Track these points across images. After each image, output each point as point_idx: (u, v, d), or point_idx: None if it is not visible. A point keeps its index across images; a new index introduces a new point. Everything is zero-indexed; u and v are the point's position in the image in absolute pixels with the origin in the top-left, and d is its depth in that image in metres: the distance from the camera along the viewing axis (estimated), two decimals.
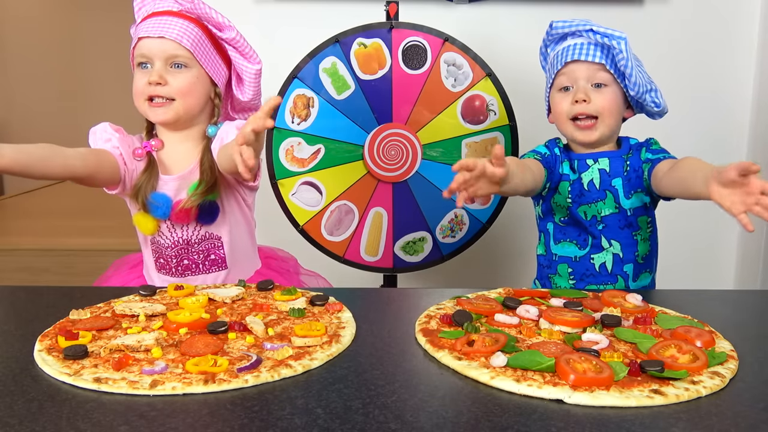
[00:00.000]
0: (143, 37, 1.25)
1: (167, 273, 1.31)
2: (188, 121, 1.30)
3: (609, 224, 1.34)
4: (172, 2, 1.27)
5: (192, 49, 1.25)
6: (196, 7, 1.26)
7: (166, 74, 1.24)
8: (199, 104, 1.29)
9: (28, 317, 0.98)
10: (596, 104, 1.31)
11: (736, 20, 2.01)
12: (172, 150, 1.31)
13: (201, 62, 1.27)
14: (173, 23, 1.25)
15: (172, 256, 1.29)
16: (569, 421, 0.67)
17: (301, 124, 1.71)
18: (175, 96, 1.25)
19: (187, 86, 1.25)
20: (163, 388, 0.72)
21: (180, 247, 1.29)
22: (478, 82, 1.71)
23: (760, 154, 2.03)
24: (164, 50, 1.24)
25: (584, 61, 1.31)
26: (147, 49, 1.25)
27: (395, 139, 1.73)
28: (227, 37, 1.28)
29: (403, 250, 1.78)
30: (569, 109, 1.32)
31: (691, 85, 2.04)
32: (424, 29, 1.70)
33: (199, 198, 1.24)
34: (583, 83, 1.32)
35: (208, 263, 1.30)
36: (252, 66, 1.32)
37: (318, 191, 1.74)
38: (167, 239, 1.29)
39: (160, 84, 1.24)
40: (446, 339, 0.85)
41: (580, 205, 1.34)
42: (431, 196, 1.75)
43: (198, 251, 1.29)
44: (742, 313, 1.06)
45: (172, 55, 1.24)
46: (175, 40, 1.23)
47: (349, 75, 1.71)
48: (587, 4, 1.96)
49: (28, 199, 4.22)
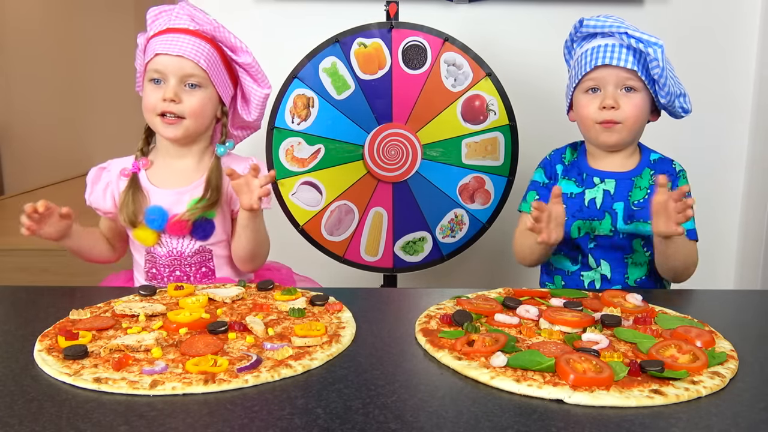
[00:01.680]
0: (160, 54, 1.25)
1: (159, 282, 1.32)
2: (194, 138, 1.31)
3: (601, 243, 1.32)
4: (189, 20, 1.27)
5: (208, 69, 1.26)
6: (216, 30, 1.27)
7: (180, 92, 1.25)
8: (207, 123, 1.31)
9: (28, 317, 0.98)
10: (625, 111, 1.27)
11: (736, 20, 2.01)
12: (171, 164, 1.33)
13: (214, 82, 1.28)
14: (191, 43, 1.25)
15: (165, 266, 1.31)
16: (569, 421, 0.67)
17: (301, 124, 1.71)
18: (187, 115, 1.26)
19: (200, 107, 1.27)
20: (163, 388, 0.72)
21: (173, 257, 1.30)
22: (478, 82, 1.71)
23: (759, 154, 2.03)
24: (181, 68, 1.24)
25: (615, 66, 1.26)
26: (163, 65, 1.25)
27: (395, 139, 1.73)
28: (242, 62, 1.29)
29: (403, 250, 1.78)
30: (596, 114, 1.28)
31: (690, 85, 2.02)
32: (424, 29, 1.70)
33: (197, 212, 1.26)
34: (612, 89, 1.27)
35: (200, 275, 1.31)
36: (262, 90, 1.33)
37: (318, 191, 1.74)
38: (163, 249, 1.30)
39: (174, 102, 1.24)
40: (446, 339, 0.85)
41: (576, 220, 1.32)
42: (431, 196, 1.75)
43: (190, 264, 1.31)
44: (742, 313, 1.06)
45: (188, 74, 1.25)
46: (193, 59, 1.24)
47: (349, 75, 1.71)
48: (587, 3, 1.96)
49: (28, 199, 4.19)
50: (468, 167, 1.74)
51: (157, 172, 1.32)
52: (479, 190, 1.76)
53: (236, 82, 1.35)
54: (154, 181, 1.31)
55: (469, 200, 1.76)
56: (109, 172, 1.33)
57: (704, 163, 2.06)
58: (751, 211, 2.07)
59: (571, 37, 1.37)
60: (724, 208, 2.11)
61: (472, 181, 1.75)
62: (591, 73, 1.29)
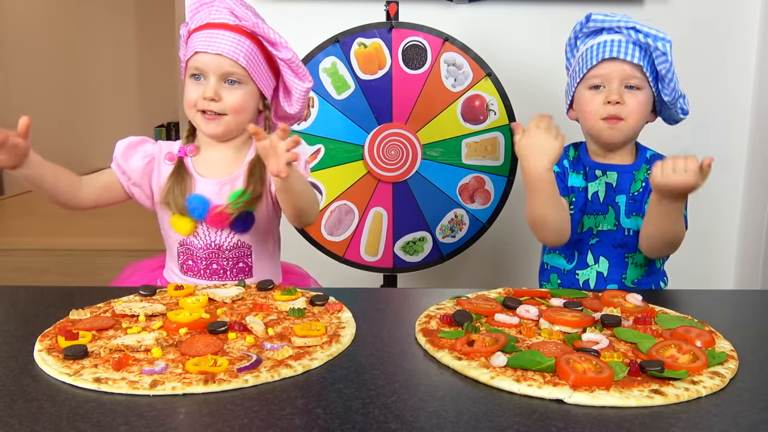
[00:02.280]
0: (200, 52, 1.24)
1: (195, 275, 1.30)
2: (236, 133, 1.30)
3: (603, 240, 1.32)
4: (229, 14, 1.25)
5: (247, 66, 1.24)
6: (255, 26, 1.25)
7: (220, 90, 1.24)
8: (249, 118, 1.29)
9: (28, 317, 0.98)
10: (629, 106, 1.27)
11: (736, 20, 2.01)
12: (214, 154, 1.31)
13: (254, 78, 1.26)
14: (230, 39, 1.23)
15: (202, 259, 1.29)
16: (569, 421, 0.67)
17: (301, 124, 1.71)
18: (228, 112, 1.25)
19: (241, 103, 1.25)
20: (163, 388, 0.72)
21: (211, 251, 1.28)
22: (478, 82, 1.71)
23: (759, 154, 2.03)
24: (220, 66, 1.23)
25: (622, 60, 1.26)
26: (203, 63, 1.23)
27: (395, 139, 1.73)
28: (282, 57, 1.27)
29: (403, 250, 1.78)
30: (601, 110, 1.28)
31: (690, 84, 2.03)
32: (424, 29, 1.70)
33: (242, 206, 1.24)
34: (616, 84, 1.27)
35: (236, 270, 1.30)
36: (303, 84, 1.31)
37: (318, 191, 1.74)
38: (200, 241, 1.29)
39: (214, 100, 1.23)
40: (446, 339, 0.85)
41: (582, 215, 1.32)
42: (431, 196, 1.75)
43: (228, 257, 1.29)
44: (742, 313, 1.06)
45: (228, 72, 1.23)
46: (232, 57, 1.23)
47: (349, 75, 1.71)
48: (587, 4, 1.96)
49: (28, 199, 4.21)
50: (468, 167, 1.74)
51: (200, 160, 1.30)
52: (479, 190, 1.76)
53: (278, 75, 1.33)
54: (198, 169, 1.29)
55: (469, 200, 1.76)
56: (157, 148, 1.31)
57: None
58: (751, 211, 2.07)
59: (575, 33, 1.36)
60: (724, 208, 2.11)
61: (472, 181, 1.75)
62: (595, 69, 1.29)
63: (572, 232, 1.30)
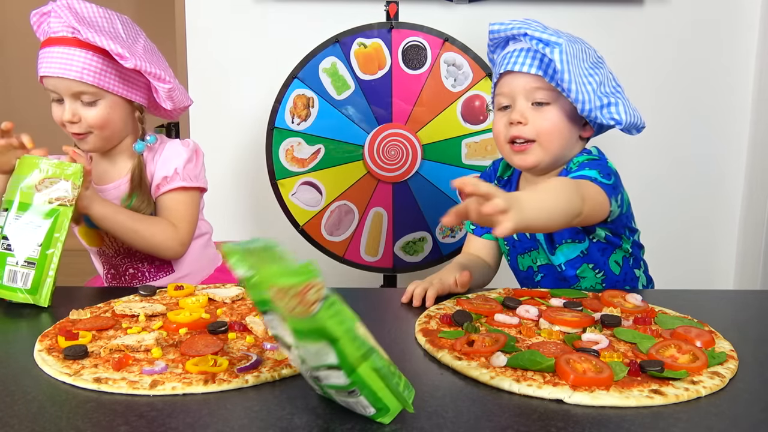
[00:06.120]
0: (44, 76, 1.17)
1: (119, 284, 1.32)
2: (114, 143, 1.27)
3: (548, 274, 1.20)
4: (66, 27, 1.15)
5: (97, 82, 1.17)
6: (90, 41, 1.15)
7: (78, 110, 1.19)
8: (119, 128, 1.25)
9: (28, 317, 0.98)
10: (535, 126, 1.10)
11: (736, 20, 2.01)
12: (101, 164, 1.29)
13: (110, 90, 1.19)
14: (70, 57, 1.15)
15: (119, 265, 1.30)
16: (569, 421, 0.67)
17: (301, 124, 1.71)
18: (92, 129, 1.21)
19: (101, 119, 1.20)
20: (163, 388, 0.72)
21: (123, 255, 1.29)
22: (478, 82, 1.71)
23: (759, 154, 2.03)
24: (68, 87, 1.17)
25: (518, 72, 1.10)
26: (52, 86, 1.18)
27: (395, 139, 1.73)
28: (130, 67, 1.17)
29: (403, 250, 1.78)
30: (505, 132, 1.13)
31: (690, 85, 2.04)
32: (424, 29, 1.70)
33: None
34: (521, 102, 1.11)
35: (154, 269, 1.30)
36: (164, 86, 1.22)
37: (318, 191, 1.74)
38: (110, 248, 1.29)
39: (73, 122, 1.20)
40: (446, 339, 0.85)
41: (517, 255, 1.22)
42: (431, 196, 1.75)
43: (141, 258, 1.28)
44: (742, 313, 1.06)
45: (78, 92, 1.18)
46: (76, 78, 1.15)
47: (349, 75, 1.71)
48: (587, 4, 1.96)
49: None
50: (468, 167, 1.74)
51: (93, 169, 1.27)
52: None
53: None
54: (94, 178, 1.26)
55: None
56: None
57: (704, 163, 2.06)
58: (751, 211, 2.07)
59: (489, 48, 1.22)
60: (724, 208, 2.11)
61: None
62: (499, 87, 1.15)
63: (515, 272, 1.23)
